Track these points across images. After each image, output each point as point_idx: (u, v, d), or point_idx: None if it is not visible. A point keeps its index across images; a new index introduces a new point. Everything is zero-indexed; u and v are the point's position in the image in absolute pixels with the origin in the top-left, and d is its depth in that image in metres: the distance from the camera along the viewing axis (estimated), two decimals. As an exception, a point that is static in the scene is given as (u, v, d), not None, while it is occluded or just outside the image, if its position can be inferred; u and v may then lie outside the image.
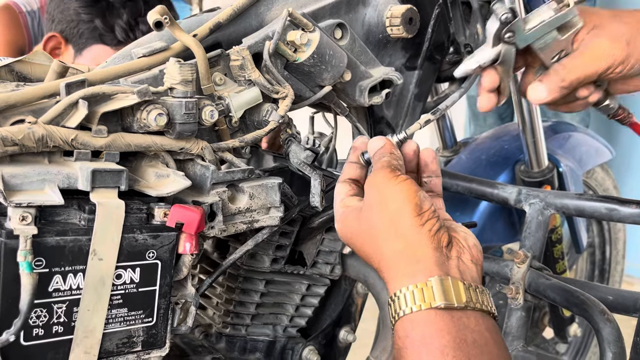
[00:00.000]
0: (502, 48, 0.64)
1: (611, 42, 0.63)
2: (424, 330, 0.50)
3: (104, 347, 0.55)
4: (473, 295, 0.52)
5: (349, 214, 0.60)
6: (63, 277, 0.51)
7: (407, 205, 0.55)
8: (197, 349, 0.79)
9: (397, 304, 0.52)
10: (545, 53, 0.64)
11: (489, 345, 0.50)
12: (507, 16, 0.62)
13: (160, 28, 0.59)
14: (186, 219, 0.55)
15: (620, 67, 0.64)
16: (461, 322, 0.50)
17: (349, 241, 0.61)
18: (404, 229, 0.55)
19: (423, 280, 0.51)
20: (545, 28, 0.62)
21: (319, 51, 0.71)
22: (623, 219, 0.82)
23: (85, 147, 0.54)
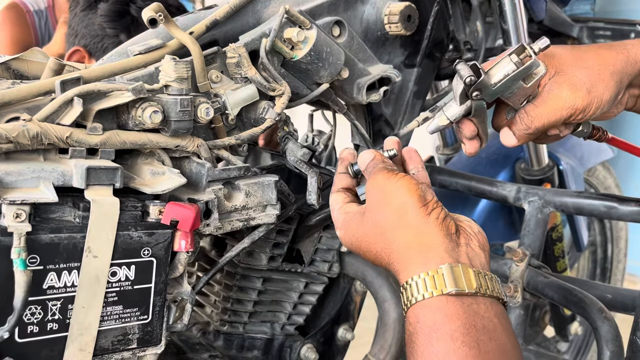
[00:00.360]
0: (471, 104, 0.64)
1: (572, 92, 0.63)
2: (435, 315, 0.51)
3: (99, 344, 0.55)
4: (483, 282, 0.53)
5: (351, 220, 0.61)
6: (57, 275, 0.51)
7: (411, 197, 0.56)
8: (195, 347, 0.79)
9: (409, 292, 0.54)
10: (513, 100, 0.65)
11: (497, 331, 0.51)
12: (471, 79, 0.63)
13: (154, 25, 0.58)
14: (181, 216, 0.55)
15: (581, 114, 0.64)
16: (471, 308, 0.51)
17: (355, 245, 0.61)
18: (412, 220, 0.56)
19: (434, 268, 0.53)
20: (510, 81, 0.63)
21: (316, 49, 0.71)
22: (622, 217, 0.81)
23: (80, 144, 0.54)
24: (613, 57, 0.65)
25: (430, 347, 0.50)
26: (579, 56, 0.65)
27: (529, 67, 0.61)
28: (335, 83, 0.77)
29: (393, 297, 0.87)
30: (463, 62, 0.64)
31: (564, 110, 0.63)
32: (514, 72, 0.62)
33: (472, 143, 0.70)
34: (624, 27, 1.17)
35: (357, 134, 0.90)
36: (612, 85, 0.63)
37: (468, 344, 0.49)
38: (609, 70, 0.64)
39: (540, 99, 0.65)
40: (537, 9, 1.04)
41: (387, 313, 0.87)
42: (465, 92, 0.63)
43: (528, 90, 0.64)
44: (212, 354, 0.77)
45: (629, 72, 0.65)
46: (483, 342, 0.50)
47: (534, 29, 1.14)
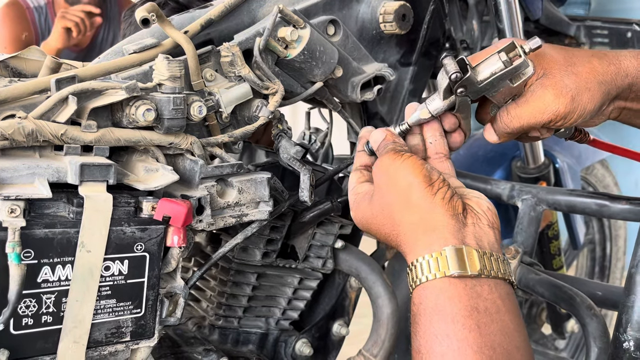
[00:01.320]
0: (455, 99, 0.64)
1: (555, 97, 0.62)
2: (437, 297, 0.52)
3: (92, 337, 0.56)
4: (487, 263, 0.53)
5: (361, 201, 0.62)
6: (52, 268, 0.52)
7: (416, 178, 0.57)
8: (190, 341, 0.80)
9: (414, 273, 0.55)
10: (497, 97, 0.64)
11: (500, 313, 0.51)
12: (456, 75, 0.61)
13: (147, 25, 0.60)
14: (173, 212, 0.57)
15: (562, 121, 0.63)
16: (474, 290, 0.52)
17: (366, 226, 0.62)
18: (418, 200, 0.56)
19: (438, 250, 0.53)
20: (497, 80, 0.61)
21: (310, 47, 0.72)
22: (613, 215, 0.82)
23: (74, 141, 0.55)
24: (604, 67, 0.63)
25: (431, 328, 0.51)
26: (570, 61, 0.64)
27: (517, 67, 0.60)
28: (329, 81, 0.78)
29: (387, 292, 0.88)
30: (450, 57, 0.62)
31: (545, 115, 0.62)
32: (501, 72, 0.60)
33: (454, 136, 0.68)
34: (621, 27, 1.17)
35: (352, 132, 0.91)
36: (597, 95, 0.62)
37: (469, 326, 0.50)
38: (598, 80, 0.63)
39: (523, 99, 0.64)
40: (533, 8, 1.04)
41: (380, 309, 0.88)
42: (450, 87, 0.62)
43: (514, 90, 0.63)
44: (206, 347, 0.78)
45: (618, 84, 0.63)
46: (484, 325, 0.50)
47: (530, 28, 1.14)
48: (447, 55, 0.63)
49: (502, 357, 0.50)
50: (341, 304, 0.95)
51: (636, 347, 0.55)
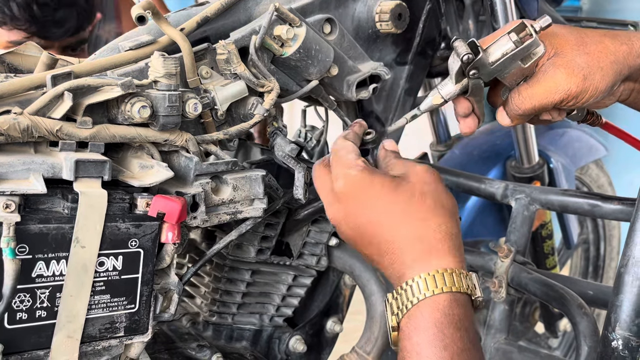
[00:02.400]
0: (468, 82, 0.63)
1: (567, 76, 0.61)
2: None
3: (87, 332, 0.56)
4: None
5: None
6: (46, 264, 0.53)
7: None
8: (184, 337, 0.80)
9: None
10: (509, 79, 0.63)
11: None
12: (468, 57, 0.60)
13: (142, 22, 0.60)
14: (167, 209, 0.57)
15: (574, 101, 0.62)
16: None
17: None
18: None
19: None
20: (508, 61, 0.60)
21: (305, 46, 0.72)
22: (605, 215, 0.83)
23: (70, 137, 0.56)
24: (616, 47, 0.62)
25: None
26: (581, 40, 0.63)
27: (528, 47, 0.59)
28: (324, 80, 0.79)
29: (380, 290, 0.89)
30: (461, 39, 0.61)
31: (557, 94, 0.61)
32: (512, 52, 0.59)
33: (467, 121, 0.68)
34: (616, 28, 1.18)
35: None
36: (610, 75, 0.61)
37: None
38: (610, 59, 0.62)
39: (534, 79, 0.62)
40: (529, 8, 1.05)
41: (373, 306, 0.89)
42: (462, 70, 0.61)
43: (525, 71, 0.62)
44: (200, 343, 0.79)
45: (630, 64, 0.62)
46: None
47: (526, 28, 1.14)
48: (457, 38, 0.62)
49: None
50: (335, 301, 0.96)
51: (624, 346, 0.56)
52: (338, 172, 0.60)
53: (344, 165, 0.60)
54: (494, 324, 0.89)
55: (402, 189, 0.57)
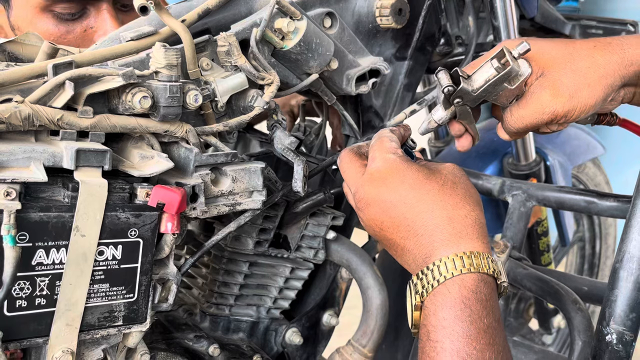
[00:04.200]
0: (456, 109, 0.66)
1: (553, 97, 0.62)
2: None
3: (85, 321, 0.57)
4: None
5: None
6: (46, 252, 0.53)
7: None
8: (181, 327, 0.81)
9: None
10: (500, 100, 0.65)
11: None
12: (448, 89, 0.64)
13: (145, 13, 0.60)
14: (167, 199, 0.57)
15: (563, 119, 0.64)
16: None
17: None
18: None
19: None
20: (491, 87, 0.63)
21: (306, 39, 0.72)
22: (601, 212, 0.83)
23: (71, 127, 0.56)
24: (606, 59, 0.63)
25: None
26: (569, 56, 0.64)
27: (509, 73, 0.62)
28: (324, 74, 0.79)
29: (377, 284, 0.89)
30: (444, 71, 0.65)
31: (545, 115, 0.63)
32: (494, 78, 0.62)
33: (461, 141, 0.72)
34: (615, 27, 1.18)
35: (346, 125, 0.91)
36: (598, 90, 0.62)
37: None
38: (598, 74, 0.62)
39: (523, 100, 0.64)
40: (529, 6, 1.05)
41: (370, 300, 0.89)
42: (447, 100, 0.65)
43: (514, 91, 0.64)
44: (197, 334, 0.79)
45: (622, 74, 0.63)
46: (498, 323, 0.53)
47: (526, 26, 1.15)
48: (440, 69, 0.66)
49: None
50: (332, 295, 0.96)
51: (618, 340, 0.56)
52: (376, 155, 0.63)
53: (385, 149, 0.63)
54: (489, 319, 0.90)
55: (436, 177, 0.60)
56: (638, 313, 0.56)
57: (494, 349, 0.50)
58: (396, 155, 0.61)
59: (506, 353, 0.51)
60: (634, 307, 0.56)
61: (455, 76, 0.64)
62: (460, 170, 0.62)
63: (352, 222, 0.95)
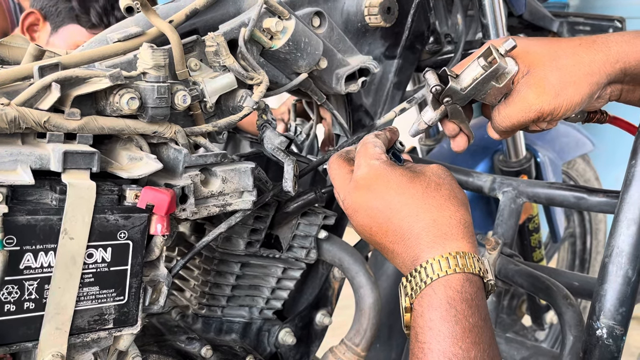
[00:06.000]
0: (446, 108, 0.66)
1: (538, 95, 0.62)
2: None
3: (75, 324, 0.56)
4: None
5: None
6: (34, 255, 0.53)
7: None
8: (173, 329, 0.80)
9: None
10: (489, 99, 0.66)
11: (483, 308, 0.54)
12: (436, 88, 0.64)
13: (131, 13, 0.60)
14: (156, 200, 0.57)
15: (550, 117, 0.64)
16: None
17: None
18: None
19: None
20: (479, 85, 0.63)
21: (295, 39, 0.72)
22: (590, 208, 0.84)
23: (58, 129, 0.55)
24: (591, 57, 0.63)
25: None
26: (554, 54, 0.64)
27: (496, 70, 0.62)
28: (314, 73, 0.79)
29: (369, 283, 0.89)
30: (431, 71, 0.65)
31: (531, 113, 0.63)
32: (482, 76, 0.63)
33: (456, 141, 0.72)
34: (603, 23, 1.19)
35: (337, 124, 0.91)
36: (584, 87, 0.62)
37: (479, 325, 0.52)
38: (583, 72, 0.62)
39: (510, 98, 0.65)
40: (517, 4, 1.06)
41: (363, 299, 0.89)
42: (436, 100, 0.65)
43: (502, 89, 0.64)
44: (189, 336, 0.79)
45: (608, 72, 0.63)
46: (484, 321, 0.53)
47: (515, 23, 1.15)
48: (428, 69, 0.66)
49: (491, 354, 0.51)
50: (324, 294, 0.96)
51: (609, 335, 0.57)
52: (361, 162, 0.63)
53: (369, 155, 0.63)
54: (481, 316, 0.90)
55: (419, 180, 0.60)
56: (628, 307, 0.56)
57: (479, 347, 0.50)
58: (380, 161, 0.61)
59: (493, 350, 0.51)
60: (623, 301, 0.56)
61: (443, 76, 0.65)
62: (445, 170, 0.62)
63: (344, 221, 0.95)
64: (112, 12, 1.34)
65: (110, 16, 1.34)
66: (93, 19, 1.34)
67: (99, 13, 1.33)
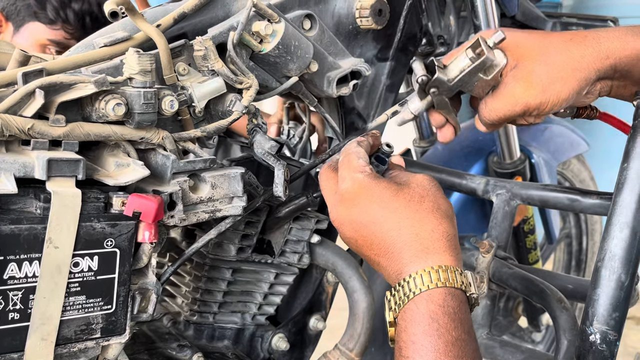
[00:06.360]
0: (433, 99, 0.65)
1: (525, 89, 0.62)
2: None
3: (61, 334, 0.55)
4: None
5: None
6: (18, 265, 0.52)
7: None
8: (164, 337, 0.80)
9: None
10: (476, 91, 0.65)
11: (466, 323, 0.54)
12: (422, 79, 0.64)
13: (115, 18, 0.59)
14: (143, 207, 0.56)
15: (536, 111, 0.63)
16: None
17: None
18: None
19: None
20: (467, 76, 0.62)
21: (284, 42, 0.72)
22: (584, 210, 0.83)
23: (42, 136, 0.54)
24: (581, 52, 0.62)
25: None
26: (544, 49, 0.63)
27: (484, 63, 0.61)
28: (305, 76, 0.78)
29: (362, 287, 0.88)
30: (419, 60, 0.65)
31: (517, 107, 0.63)
32: (469, 68, 0.62)
33: (443, 131, 0.71)
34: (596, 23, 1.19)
35: (329, 127, 0.91)
36: (572, 82, 0.62)
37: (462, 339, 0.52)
38: (572, 67, 0.62)
39: (497, 91, 0.64)
40: (509, 4, 1.05)
41: (356, 303, 0.89)
42: (423, 89, 0.64)
43: (490, 82, 0.63)
44: (181, 343, 0.78)
45: (597, 67, 0.62)
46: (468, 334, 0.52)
47: (507, 24, 1.15)
48: (415, 59, 0.65)
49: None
50: (318, 299, 0.95)
51: (602, 340, 0.56)
52: (345, 174, 0.62)
53: (351, 168, 0.62)
54: (475, 319, 0.90)
55: (403, 193, 0.59)
56: (621, 312, 0.56)
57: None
58: (364, 174, 0.60)
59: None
60: (617, 306, 0.55)
61: (430, 66, 0.64)
62: (430, 181, 0.61)
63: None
64: (69, 5, 1.32)
65: (67, 9, 1.32)
66: (50, 14, 1.32)
67: (55, 7, 1.31)
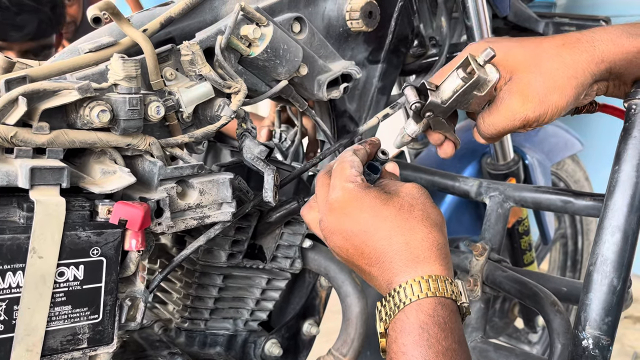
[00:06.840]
0: (429, 121, 0.65)
1: (522, 103, 0.61)
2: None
3: (47, 345, 0.54)
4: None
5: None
6: (2, 276, 0.51)
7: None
8: (155, 344, 0.79)
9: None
10: (472, 107, 0.64)
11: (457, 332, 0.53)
12: (416, 106, 0.64)
13: (98, 24, 0.58)
14: (129, 215, 0.55)
15: (535, 123, 0.63)
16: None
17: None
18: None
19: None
20: (460, 96, 0.62)
21: (273, 45, 0.71)
22: (577, 212, 0.83)
23: (25, 144, 0.54)
24: (574, 58, 0.61)
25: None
26: (537, 58, 0.62)
27: (476, 81, 0.61)
28: (295, 80, 0.77)
29: (356, 291, 0.88)
30: (410, 87, 0.64)
31: (516, 121, 0.62)
32: (462, 88, 0.61)
33: (443, 148, 0.71)
34: (589, 23, 1.18)
35: (320, 130, 0.90)
36: (568, 90, 0.61)
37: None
38: (567, 75, 0.61)
39: (494, 106, 0.63)
40: (501, 5, 1.05)
41: (349, 308, 0.88)
42: (417, 114, 0.64)
43: (485, 97, 0.63)
44: (171, 351, 0.77)
45: (592, 71, 0.61)
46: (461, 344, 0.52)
47: (500, 25, 1.14)
48: (407, 85, 0.65)
49: None
50: (311, 303, 0.95)
51: (595, 345, 0.55)
52: (336, 183, 0.61)
53: (343, 177, 0.61)
54: (470, 323, 0.89)
55: (392, 202, 0.58)
56: (614, 317, 0.55)
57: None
58: (355, 184, 0.60)
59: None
60: (609, 311, 0.55)
61: (422, 89, 0.63)
62: (419, 190, 0.60)
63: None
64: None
65: None
66: None
67: None
